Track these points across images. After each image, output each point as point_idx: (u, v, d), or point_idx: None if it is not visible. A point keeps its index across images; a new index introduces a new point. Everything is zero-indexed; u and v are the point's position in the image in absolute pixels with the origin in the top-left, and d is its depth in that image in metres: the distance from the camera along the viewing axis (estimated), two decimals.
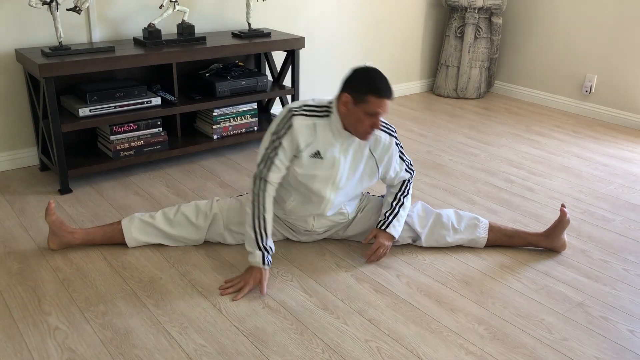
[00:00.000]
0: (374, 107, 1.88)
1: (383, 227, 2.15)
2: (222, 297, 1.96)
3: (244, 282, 1.99)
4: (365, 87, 1.87)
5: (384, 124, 2.08)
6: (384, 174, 2.17)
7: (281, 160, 1.97)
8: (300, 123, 1.95)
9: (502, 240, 2.30)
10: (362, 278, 2.10)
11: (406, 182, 2.23)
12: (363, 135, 1.96)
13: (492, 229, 2.30)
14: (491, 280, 2.11)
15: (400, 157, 2.16)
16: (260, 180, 1.98)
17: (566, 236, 2.32)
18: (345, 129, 1.98)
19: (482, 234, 2.28)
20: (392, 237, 2.17)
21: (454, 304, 1.97)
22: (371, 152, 2.09)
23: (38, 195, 2.67)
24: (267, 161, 1.97)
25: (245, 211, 2.01)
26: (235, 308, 1.91)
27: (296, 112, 1.96)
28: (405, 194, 2.21)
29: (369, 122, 1.92)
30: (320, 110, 1.99)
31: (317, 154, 1.99)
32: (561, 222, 2.23)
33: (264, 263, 1.96)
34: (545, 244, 2.29)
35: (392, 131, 2.11)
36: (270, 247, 1.99)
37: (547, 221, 2.55)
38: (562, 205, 2.23)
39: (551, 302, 1.99)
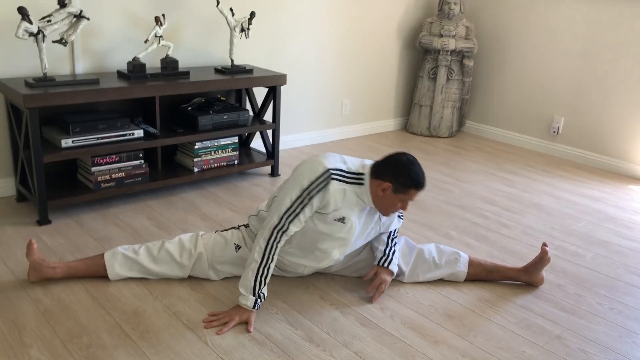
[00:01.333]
0: (412, 196, 2.02)
1: (385, 265, 2.19)
2: (208, 330, 1.96)
3: (229, 317, 1.98)
4: (409, 181, 1.97)
5: None
6: (384, 225, 2.24)
7: (305, 215, 1.98)
8: (335, 188, 1.97)
9: (481, 275, 2.36)
10: (346, 311, 2.12)
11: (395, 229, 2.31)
12: (389, 214, 2.09)
13: (471, 263, 2.35)
14: (472, 314, 2.15)
15: (399, 214, 2.30)
16: (279, 232, 1.97)
17: (543, 271, 2.40)
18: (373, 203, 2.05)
19: (462, 269, 2.33)
20: (392, 272, 2.21)
21: (437, 336, 2.01)
22: (379, 217, 2.17)
23: (16, 227, 2.63)
24: (292, 215, 1.96)
25: (252, 256, 1.98)
26: (221, 341, 1.91)
27: (334, 176, 1.97)
28: (395, 235, 2.28)
29: (401, 205, 2.04)
30: (354, 178, 2.01)
31: (341, 220, 2.03)
32: (542, 260, 2.30)
33: (254, 307, 1.98)
34: (524, 278, 2.35)
35: None
36: (264, 294, 2.00)
37: (522, 256, 2.63)
38: (544, 244, 2.30)
39: (531, 334, 2.05)
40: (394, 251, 2.23)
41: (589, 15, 3.94)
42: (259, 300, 1.98)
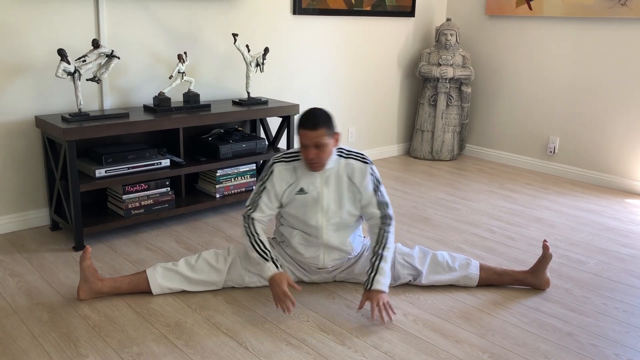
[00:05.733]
0: (300, 139, 2.21)
1: (368, 287, 2.22)
2: (247, 337, 2.12)
3: (276, 293, 2.20)
4: (299, 122, 2.20)
5: (359, 155, 2.32)
6: (362, 203, 2.33)
7: (265, 203, 2.32)
8: (280, 169, 2.31)
9: (492, 279, 2.54)
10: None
11: (382, 232, 2.31)
12: (308, 167, 2.26)
13: (483, 268, 2.54)
14: (488, 316, 2.33)
15: (374, 188, 2.31)
16: (248, 218, 2.34)
17: (549, 275, 2.58)
18: None
19: (474, 271, 2.51)
20: (381, 291, 2.22)
21: (458, 336, 2.18)
22: (350, 180, 2.31)
23: (53, 253, 2.79)
24: (254, 203, 2.34)
25: (244, 242, 2.33)
26: (260, 346, 2.07)
27: (276, 160, 2.33)
28: (382, 245, 2.29)
29: (304, 153, 2.22)
30: (297, 154, 2.32)
31: (301, 191, 2.30)
32: (545, 257, 2.49)
33: (278, 269, 2.24)
34: (531, 280, 2.54)
35: (367, 160, 2.33)
36: (277, 258, 2.31)
37: (529, 264, 2.80)
38: (545, 241, 2.49)
39: (543, 332, 2.22)
40: (377, 270, 2.24)
41: (578, 39, 4.21)
42: (277, 263, 2.26)
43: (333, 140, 2.23)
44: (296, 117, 2.21)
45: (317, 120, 2.17)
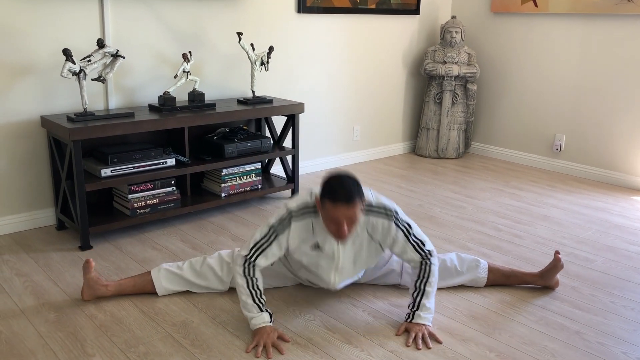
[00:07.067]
0: (330, 212, 1.94)
1: (409, 320, 2.17)
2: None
3: (262, 341, 2.03)
4: (324, 192, 1.95)
5: (381, 209, 2.12)
6: (395, 253, 2.22)
7: (273, 253, 2.10)
8: (297, 225, 2.08)
9: (500, 280, 2.53)
10: (378, 316, 2.28)
11: (423, 265, 2.20)
12: (335, 237, 2.01)
13: (491, 269, 2.52)
14: (495, 314, 2.31)
15: (406, 236, 2.16)
16: (249, 263, 2.10)
17: (558, 275, 2.56)
18: None
19: (482, 274, 2.50)
20: (423, 324, 2.15)
21: (464, 335, 2.17)
22: (370, 236, 2.15)
23: (60, 252, 2.80)
24: (259, 249, 2.09)
25: (237, 282, 2.12)
26: None
27: (294, 215, 2.08)
28: (424, 279, 2.19)
29: (333, 227, 1.98)
30: (313, 209, 2.10)
31: (316, 246, 2.13)
32: (555, 266, 2.47)
33: (270, 321, 2.09)
34: (540, 283, 2.52)
35: (390, 213, 2.13)
36: (271, 311, 2.13)
37: (536, 263, 2.79)
38: (557, 252, 2.47)
39: (551, 331, 2.21)
40: (418, 305, 2.17)
41: (584, 36, 4.18)
42: (271, 313, 2.11)
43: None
44: (324, 188, 1.98)
45: (352, 192, 1.92)
